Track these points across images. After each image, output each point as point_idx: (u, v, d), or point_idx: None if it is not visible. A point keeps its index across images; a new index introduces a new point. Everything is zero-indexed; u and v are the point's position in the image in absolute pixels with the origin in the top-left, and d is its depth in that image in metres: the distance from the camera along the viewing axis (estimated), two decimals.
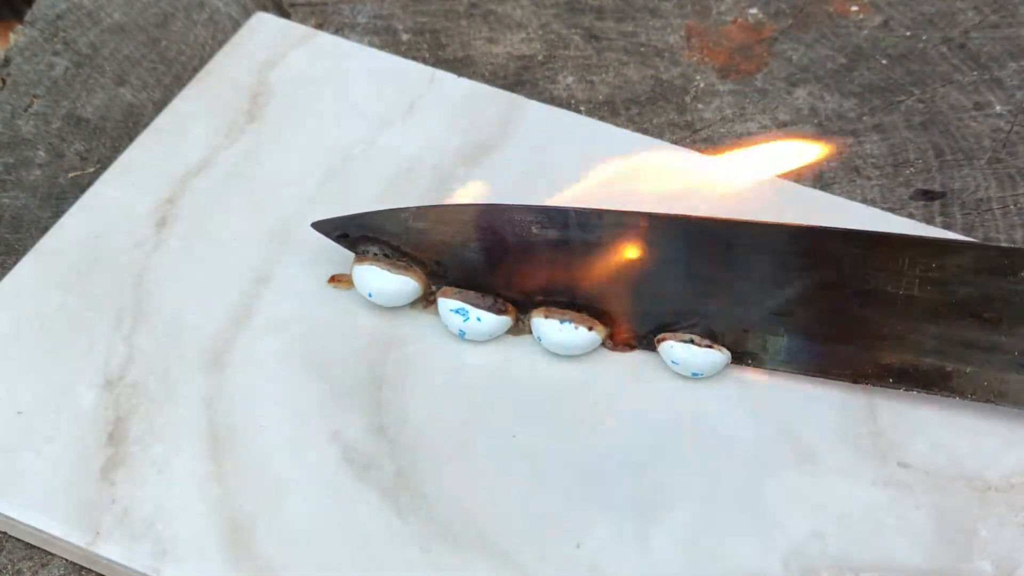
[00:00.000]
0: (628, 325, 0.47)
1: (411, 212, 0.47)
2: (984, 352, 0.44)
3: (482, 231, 0.47)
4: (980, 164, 0.54)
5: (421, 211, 0.47)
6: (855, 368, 0.46)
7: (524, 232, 0.47)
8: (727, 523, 0.43)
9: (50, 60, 0.58)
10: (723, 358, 0.46)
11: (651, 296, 0.46)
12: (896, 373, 0.45)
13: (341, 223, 0.48)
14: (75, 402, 0.46)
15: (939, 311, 0.44)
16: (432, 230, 0.47)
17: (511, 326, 0.47)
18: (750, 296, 0.46)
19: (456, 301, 0.47)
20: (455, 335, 0.47)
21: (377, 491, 0.44)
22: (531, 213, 0.47)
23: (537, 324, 0.47)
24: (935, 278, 0.44)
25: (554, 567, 0.42)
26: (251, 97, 0.55)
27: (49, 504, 0.44)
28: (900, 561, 0.42)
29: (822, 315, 0.46)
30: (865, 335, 0.45)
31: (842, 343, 0.46)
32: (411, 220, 0.47)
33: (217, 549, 0.43)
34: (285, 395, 0.46)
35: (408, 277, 0.48)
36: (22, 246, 0.52)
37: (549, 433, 0.45)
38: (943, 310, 0.44)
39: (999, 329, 0.44)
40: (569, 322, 0.46)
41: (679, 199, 0.51)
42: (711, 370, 0.46)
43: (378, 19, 0.59)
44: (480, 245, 0.47)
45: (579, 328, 0.46)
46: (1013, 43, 0.58)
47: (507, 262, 0.47)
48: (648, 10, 0.60)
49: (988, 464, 0.44)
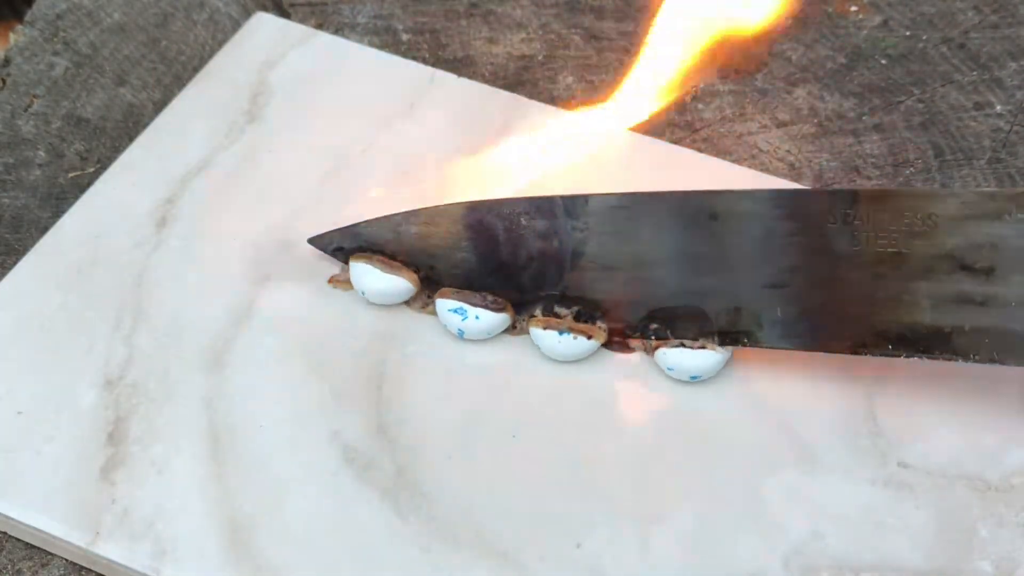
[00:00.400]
0: (621, 314, 0.47)
1: (401, 216, 0.47)
2: (980, 306, 0.43)
3: (472, 229, 0.47)
4: (980, 164, 0.54)
5: (411, 215, 0.47)
6: (853, 338, 0.44)
7: (513, 225, 0.47)
8: (727, 523, 0.43)
9: (50, 60, 0.58)
10: (719, 357, 0.46)
11: (641, 280, 0.46)
12: (894, 339, 0.44)
13: (336, 237, 0.48)
14: (75, 402, 0.46)
15: (929, 266, 0.43)
16: (423, 233, 0.47)
17: (509, 325, 0.47)
18: (740, 270, 0.45)
19: (453, 301, 0.47)
20: (455, 335, 0.47)
21: (377, 491, 0.44)
22: (519, 204, 0.47)
23: (536, 335, 0.47)
24: (921, 231, 0.43)
25: (554, 567, 0.42)
26: (251, 97, 0.55)
27: (49, 504, 0.44)
28: (900, 561, 0.42)
29: (814, 283, 0.44)
30: (859, 300, 0.44)
31: (837, 312, 0.44)
32: (402, 224, 0.47)
33: (217, 549, 0.43)
34: (285, 395, 0.46)
35: (401, 276, 0.48)
36: (22, 246, 0.52)
37: (549, 433, 0.45)
38: (933, 264, 0.43)
39: (992, 279, 0.43)
40: (567, 332, 0.46)
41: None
42: (709, 371, 0.46)
43: (378, 19, 0.59)
44: (471, 244, 0.47)
45: (578, 338, 0.46)
46: (1013, 43, 0.58)
47: (499, 258, 0.47)
48: (648, 10, 0.60)
49: (988, 464, 0.44)
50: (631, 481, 0.44)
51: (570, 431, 0.45)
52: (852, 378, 0.46)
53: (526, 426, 0.45)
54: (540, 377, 0.47)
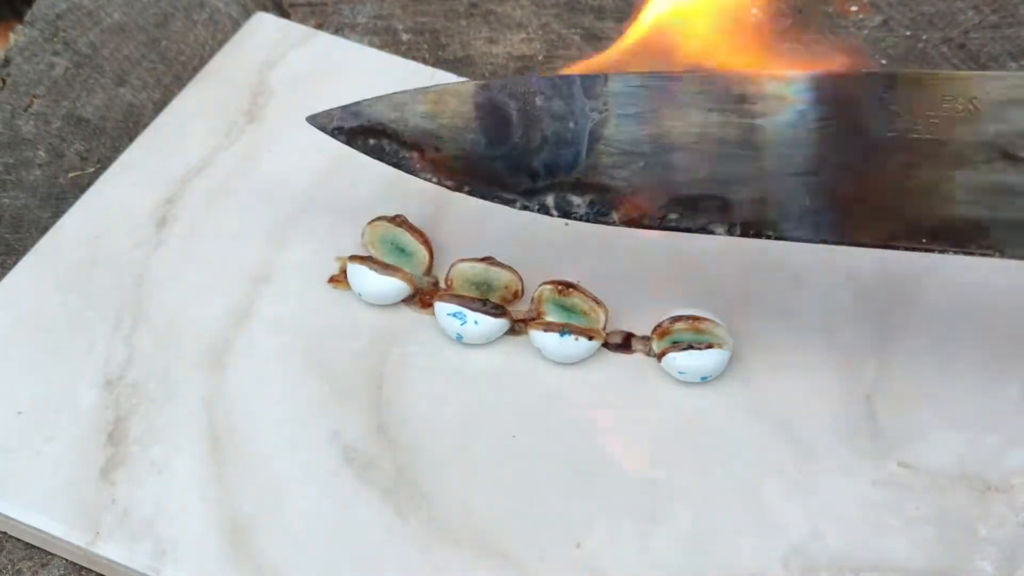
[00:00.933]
0: (638, 202, 0.44)
1: (408, 95, 0.45)
2: (1021, 197, 0.40)
3: (482, 108, 0.44)
4: None
5: (418, 92, 0.45)
6: (884, 230, 0.42)
7: (528, 105, 0.44)
8: (727, 523, 0.43)
9: (50, 60, 0.58)
10: (725, 354, 0.46)
11: (662, 166, 0.43)
12: (928, 231, 0.41)
13: (337, 115, 0.46)
14: (75, 402, 0.46)
15: (969, 154, 0.41)
16: (431, 112, 0.45)
17: (509, 328, 0.47)
18: (767, 157, 0.42)
19: (453, 305, 0.47)
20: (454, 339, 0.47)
21: (377, 491, 0.44)
22: (534, 83, 0.44)
23: (536, 337, 0.47)
24: (963, 116, 0.40)
25: (554, 567, 0.42)
26: (251, 97, 0.55)
27: (49, 504, 0.44)
28: (900, 561, 0.42)
29: (845, 172, 0.42)
30: (892, 191, 0.41)
31: (868, 202, 0.42)
32: (408, 103, 0.45)
33: (217, 549, 0.43)
34: (285, 395, 0.46)
35: (395, 278, 0.48)
36: (22, 246, 0.52)
37: (549, 433, 0.45)
38: (973, 153, 0.41)
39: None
40: (568, 334, 0.46)
41: None
42: (716, 370, 0.46)
43: (378, 19, 0.60)
44: (481, 125, 0.44)
45: (579, 339, 0.46)
46: (1013, 43, 0.58)
47: (511, 140, 0.44)
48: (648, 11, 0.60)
49: (988, 464, 0.44)
50: (631, 481, 0.44)
51: (570, 431, 0.45)
52: (852, 378, 0.46)
53: (526, 426, 0.45)
54: (540, 377, 0.47)
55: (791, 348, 0.47)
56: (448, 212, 0.51)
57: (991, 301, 0.48)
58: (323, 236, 0.50)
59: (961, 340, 0.47)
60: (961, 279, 0.49)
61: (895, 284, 0.49)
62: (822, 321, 0.48)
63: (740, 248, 0.50)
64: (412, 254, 0.49)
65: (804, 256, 0.49)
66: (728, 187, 0.43)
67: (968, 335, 0.47)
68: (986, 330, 0.48)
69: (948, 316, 0.48)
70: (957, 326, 0.48)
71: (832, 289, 0.49)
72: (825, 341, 0.47)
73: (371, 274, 0.48)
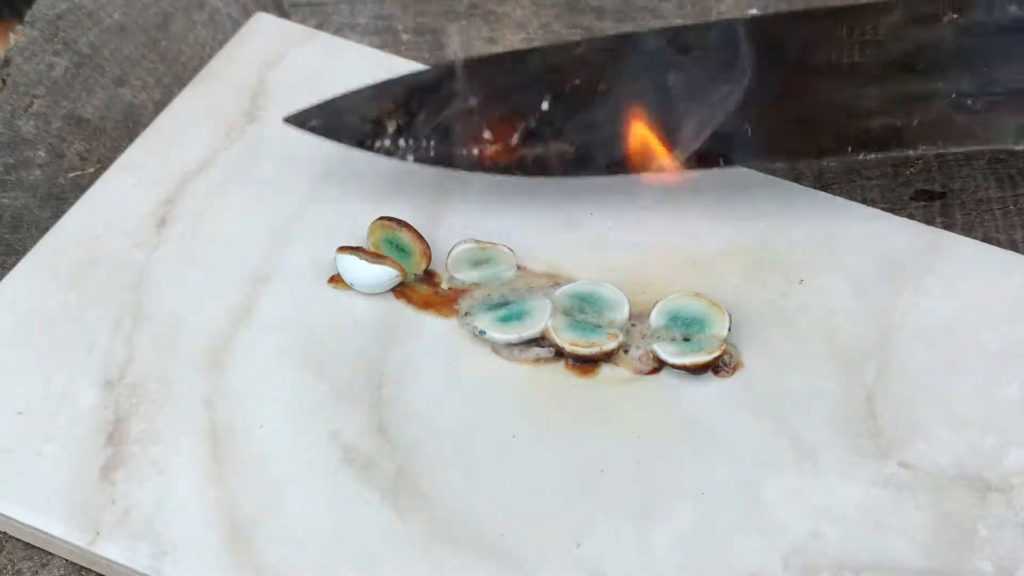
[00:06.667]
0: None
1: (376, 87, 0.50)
2: (924, 101, 0.48)
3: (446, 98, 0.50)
4: (980, 164, 0.54)
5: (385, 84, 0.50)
6: (817, 144, 0.49)
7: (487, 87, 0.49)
8: (727, 523, 0.43)
9: (50, 60, 0.58)
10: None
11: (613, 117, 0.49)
12: (853, 141, 0.48)
13: (313, 113, 0.50)
14: (75, 402, 0.46)
15: (879, 72, 0.48)
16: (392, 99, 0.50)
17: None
18: (712, 97, 0.48)
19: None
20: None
21: (377, 491, 0.44)
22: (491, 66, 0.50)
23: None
24: (871, 40, 0.48)
25: (554, 567, 0.42)
26: (251, 97, 0.55)
27: (49, 504, 0.44)
28: (900, 561, 0.42)
29: (779, 100, 0.49)
30: (820, 110, 0.49)
31: (801, 123, 0.49)
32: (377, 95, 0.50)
33: (217, 549, 0.43)
34: (285, 395, 0.46)
35: (385, 265, 0.48)
36: (22, 246, 0.52)
37: (549, 433, 0.45)
38: (882, 70, 0.48)
39: (932, 77, 0.48)
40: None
41: None
42: None
43: (378, 19, 0.60)
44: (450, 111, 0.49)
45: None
46: None
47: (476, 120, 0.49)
48: (648, 10, 0.60)
49: (988, 464, 0.44)
50: (631, 481, 0.44)
51: (570, 431, 0.45)
52: (852, 378, 0.46)
53: (526, 426, 0.45)
54: (541, 378, 0.47)
55: (791, 348, 0.47)
56: (448, 212, 0.51)
57: (991, 301, 0.48)
58: (323, 236, 0.50)
59: (961, 340, 0.47)
60: (961, 279, 0.49)
61: (895, 284, 0.49)
62: (822, 321, 0.48)
63: (740, 248, 0.50)
64: (411, 253, 0.49)
65: (804, 256, 0.49)
66: (682, 126, 0.49)
67: (968, 335, 0.47)
68: (986, 330, 0.48)
69: (948, 316, 0.48)
70: (957, 326, 0.48)
71: (832, 289, 0.49)
72: (825, 341, 0.47)
73: (360, 263, 0.48)
